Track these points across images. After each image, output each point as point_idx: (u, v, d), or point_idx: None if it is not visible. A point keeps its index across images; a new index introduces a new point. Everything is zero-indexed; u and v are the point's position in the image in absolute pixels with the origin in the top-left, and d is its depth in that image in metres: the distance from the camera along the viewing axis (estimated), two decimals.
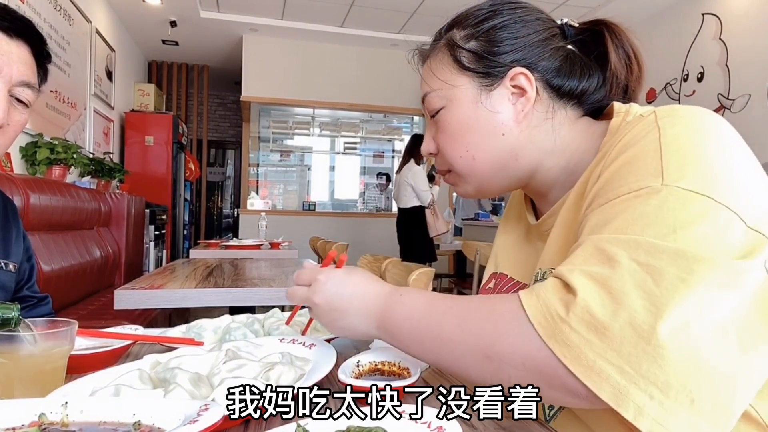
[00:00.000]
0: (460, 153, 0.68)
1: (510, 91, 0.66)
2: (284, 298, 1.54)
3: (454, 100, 0.67)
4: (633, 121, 0.60)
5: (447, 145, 0.69)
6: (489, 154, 0.67)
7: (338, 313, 0.63)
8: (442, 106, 0.68)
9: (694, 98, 4.34)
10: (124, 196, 3.62)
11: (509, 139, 0.66)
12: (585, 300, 0.45)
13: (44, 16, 3.37)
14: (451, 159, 0.69)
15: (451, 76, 0.68)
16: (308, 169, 7.59)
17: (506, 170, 0.68)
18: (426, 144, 0.74)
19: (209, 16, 5.23)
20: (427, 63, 0.72)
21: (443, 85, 0.68)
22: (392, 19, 5.31)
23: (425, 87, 0.71)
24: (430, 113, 0.71)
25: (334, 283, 0.64)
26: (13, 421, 0.45)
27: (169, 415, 0.46)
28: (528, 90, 0.65)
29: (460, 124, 0.67)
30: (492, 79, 0.66)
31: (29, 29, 0.85)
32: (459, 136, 0.68)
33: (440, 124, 0.69)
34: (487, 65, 0.66)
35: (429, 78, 0.71)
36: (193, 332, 0.82)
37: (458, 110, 0.67)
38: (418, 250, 4.38)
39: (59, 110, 3.64)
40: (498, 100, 0.66)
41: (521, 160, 0.68)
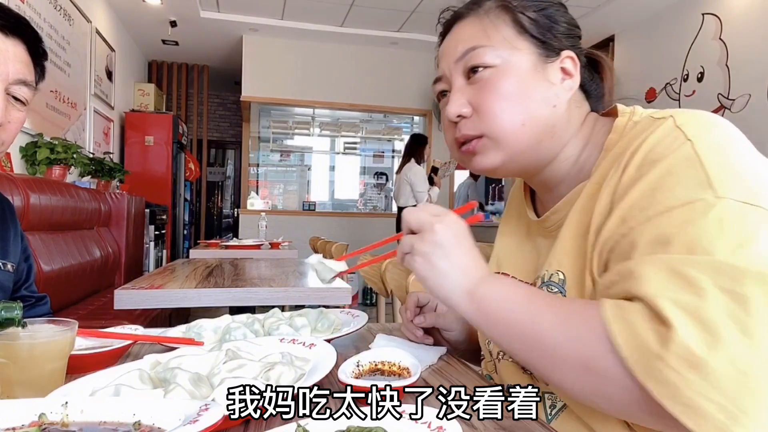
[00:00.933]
0: (510, 116, 0.64)
1: (559, 70, 0.66)
2: (284, 297, 1.54)
3: (513, 61, 0.65)
4: (643, 123, 0.60)
5: (496, 106, 0.64)
6: (537, 124, 0.65)
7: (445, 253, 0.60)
8: (494, 65, 0.65)
9: (694, 98, 4.34)
10: (124, 196, 3.62)
11: (556, 113, 0.66)
12: (681, 336, 0.44)
13: (44, 16, 3.37)
14: (495, 122, 0.65)
15: (512, 37, 0.66)
16: (308, 169, 7.58)
17: (540, 146, 0.67)
18: (458, 105, 0.67)
19: (209, 16, 5.22)
20: (471, 21, 0.68)
21: (503, 43, 0.65)
22: (392, 18, 5.32)
23: (475, 41, 0.66)
24: (471, 67, 0.66)
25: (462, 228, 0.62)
26: (13, 421, 0.45)
27: (169, 415, 0.46)
28: (574, 74, 0.67)
29: (515, 87, 0.64)
30: (549, 52, 0.66)
31: (25, 27, 0.84)
32: (513, 99, 0.64)
33: (489, 83, 0.65)
34: (548, 36, 0.66)
35: (485, 33, 0.66)
36: (193, 332, 0.82)
37: (516, 73, 0.65)
38: None
39: (59, 110, 3.64)
40: (553, 75, 0.66)
41: (555, 140, 0.67)
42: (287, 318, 0.87)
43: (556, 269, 0.66)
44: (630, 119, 0.64)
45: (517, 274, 0.77)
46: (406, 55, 6.05)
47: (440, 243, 0.60)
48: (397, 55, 6.06)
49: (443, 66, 0.71)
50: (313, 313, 0.88)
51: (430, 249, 0.60)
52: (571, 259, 0.64)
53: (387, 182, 7.29)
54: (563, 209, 0.68)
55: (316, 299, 1.55)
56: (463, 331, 0.85)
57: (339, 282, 1.78)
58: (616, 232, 0.55)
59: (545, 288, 0.66)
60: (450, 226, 0.61)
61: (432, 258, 0.60)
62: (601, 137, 0.67)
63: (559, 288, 0.64)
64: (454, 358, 0.80)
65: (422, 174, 4.43)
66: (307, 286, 1.64)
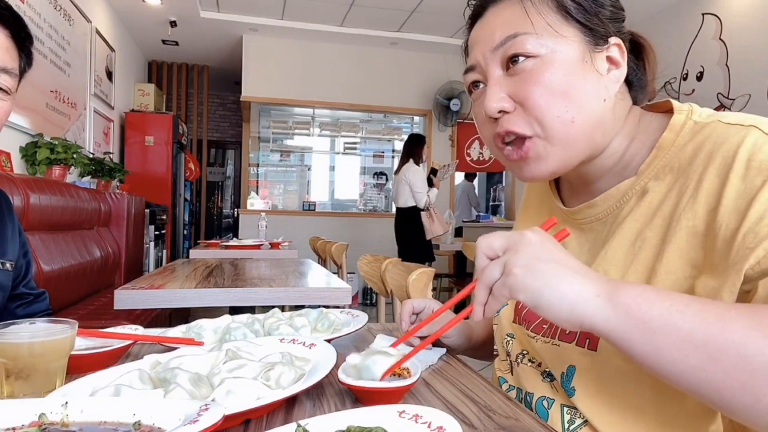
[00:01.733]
0: (559, 113, 0.59)
1: (605, 60, 0.61)
2: (284, 297, 1.53)
3: (559, 50, 0.59)
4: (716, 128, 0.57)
5: (543, 101, 0.59)
6: (588, 120, 0.60)
7: (551, 255, 0.50)
8: (539, 54, 0.59)
9: (693, 97, 4.34)
10: (124, 196, 3.62)
11: (606, 107, 0.61)
12: None
13: (44, 16, 3.37)
14: (546, 117, 0.59)
15: (557, 23, 0.59)
16: (308, 169, 7.58)
17: (592, 142, 0.62)
18: (498, 100, 0.61)
19: (209, 16, 5.23)
20: (510, 4, 0.62)
21: (548, 30, 0.59)
22: (392, 18, 5.32)
23: (516, 27, 0.60)
24: (511, 56, 0.60)
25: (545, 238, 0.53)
26: (13, 421, 0.45)
27: (169, 415, 0.46)
28: (621, 63, 0.61)
29: (563, 80, 0.58)
30: (597, 41, 0.60)
31: (4, 11, 0.80)
32: (562, 93, 0.58)
33: (532, 75, 0.59)
34: (594, 22, 0.60)
35: (528, 17, 0.60)
36: (193, 332, 0.82)
37: (563, 64, 0.59)
38: (416, 251, 4.38)
39: (59, 110, 3.64)
40: (601, 65, 0.61)
41: (605, 135, 0.63)
42: (287, 318, 0.86)
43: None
44: (689, 118, 0.61)
45: None
46: (406, 55, 6.06)
47: (540, 244, 0.51)
48: (397, 55, 6.06)
49: (476, 55, 0.64)
50: (313, 313, 0.88)
51: (530, 254, 0.50)
52: (619, 270, 0.61)
53: (387, 182, 7.30)
54: (602, 205, 0.66)
55: (316, 299, 1.55)
56: (461, 335, 0.84)
57: (339, 282, 1.78)
58: (744, 246, 0.50)
59: None
60: (541, 233, 0.53)
61: (536, 264, 0.49)
62: (652, 134, 0.63)
63: None
64: (454, 359, 0.80)
65: (421, 174, 4.43)
66: (307, 286, 1.64)
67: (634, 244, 0.61)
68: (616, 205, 0.65)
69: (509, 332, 0.77)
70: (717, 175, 0.54)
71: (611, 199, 0.65)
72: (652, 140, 0.63)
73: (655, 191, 0.61)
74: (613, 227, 0.64)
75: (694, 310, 0.45)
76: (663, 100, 0.67)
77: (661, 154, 0.61)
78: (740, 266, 0.50)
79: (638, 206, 0.62)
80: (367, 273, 1.84)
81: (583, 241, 0.69)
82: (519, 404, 0.60)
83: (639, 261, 0.60)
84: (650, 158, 0.62)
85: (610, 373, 0.59)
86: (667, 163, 0.61)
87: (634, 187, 0.63)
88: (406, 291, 1.35)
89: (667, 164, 0.60)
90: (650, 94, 0.70)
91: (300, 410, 0.57)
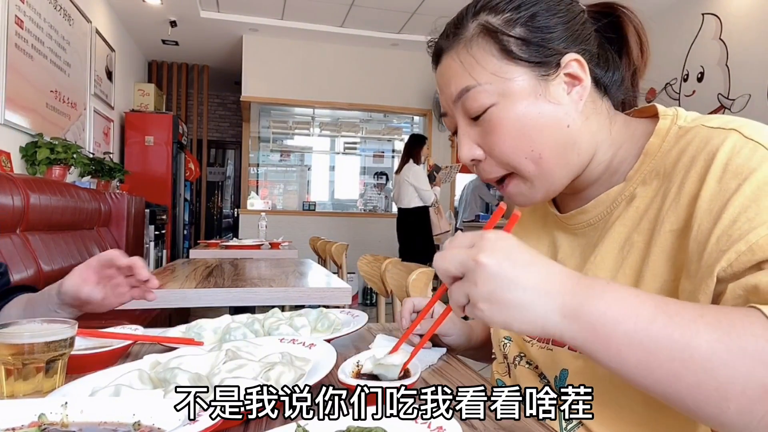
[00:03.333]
0: (525, 154, 0.60)
1: (563, 80, 0.61)
2: (284, 297, 1.53)
3: (509, 94, 0.59)
4: (699, 132, 0.57)
5: (506, 147, 0.60)
6: (557, 151, 0.60)
7: (509, 283, 0.47)
8: (493, 103, 0.60)
9: (694, 98, 4.34)
10: (124, 196, 3.62)
11: (573, 131, 0.61)
12: None
13: (44, 16, 3.37)
14: (513, 162, 0.61)
15: (501, 68, 0.60)
16: (308, 169, 7.58)
17: (570, 166, 0.63)
18: (468, 150, 0.63)
19: (209, 16, 5.23)
20: (457, 55, 0.62)
21: (493, 78, 0.60)
22: (392, 19, 5.32)
23: (464, 81, 0.61)
24: (472, 113, 0.62)
25: (509, 244, 0.49)
26: (13, 421, 0.45)
27: (169, 415, 0.46)
28: (583, 78, 0.61)
29: (521, 121, 0.59)
30: (547, 68, 0.60)
31: None
32: (521, 135, 0.60)
33: (492, 123, 0.60)
34: (541, 53, 0.60)
35: (472, 70, 0.60)
36: (193, 332, 0.82)
37: (517, 105, 0.59)
38: (419, 251, 4.38)
39: (59, 110, 3.64)
40: (556, 90, 0.60)
41: (582, 155, 0.63)
42: (287, 318, 0.86)
43: None
44: (674, 123, 0.61)
45: None
46: (406, 56, 6.06)
47: (496, 274, 0.47)
48: (398, 56, 6.06)
49: (443, 103, 0.66)
50: (313, 313, 0.88)
51: (489, 288, 0.47)
52: (608, 275, 0.62)
53: (387, 182, 7.30)
54: (593, 210, 0.67)
55: (316, 299, 1.55)
56: (461, 335, 0.84)
57: (339, 282, 1.78)
58: (717, 249, 0.50)
59: None
60: (494, 248, 0.48)
61: (497, 296, 0.47)
62: (638, 139, 0.64)
63: None
64: (454, 359, 0.80)
65: (423, 173, 4.43)
66: (307, 286, 1.64)
67: (622, 248, 0.62)
68: (607, 211, 0.66)
69: (506, 335, 0.77)
70: (698, 179, 0.54)
71: (602, 205, 0.66)
72: (639, 146, 0.63)
73: (642, 196, 0.62)
74: (603, 232, 0.65)
75: (659, 326, 0.44)
76: (648, 105, 0.67)
77: (648, 160, 0.62)
78: (712, 268, 0.50)
79: (626, 211, 0.63)
80: (367, 273, 1.84)
81: (576, 245, 0.70)
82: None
83: (627, 265, 0.60)
84: (638, 164, 0.63)
85: (600, 375, 0.60)
86: (653, 168, 0.61)
87: (623, 192, 0.64)
88: (406, 291, 1.35)
89: (653, 169, 0.61)
90: (631, 90, 0.68)
91: None
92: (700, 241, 0.52)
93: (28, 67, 3.16)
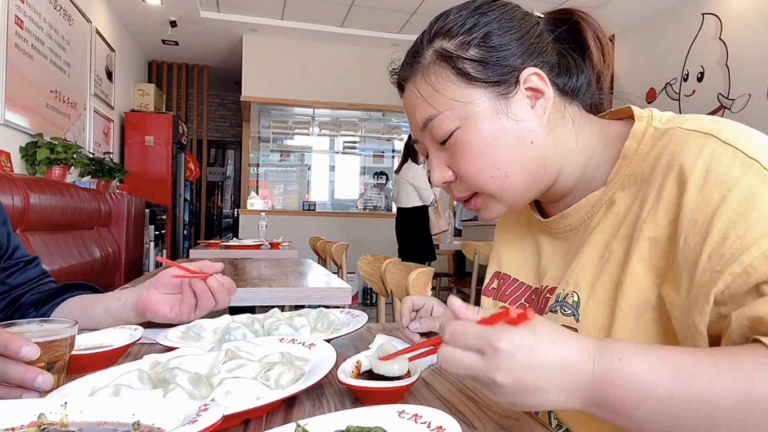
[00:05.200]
0: (491, 173, 0.62)
1: (525, 95, 0.61)
2: (284, 297, 1.53)
3: (471, 117, 0.61)
4: (675, 134, 0.56)
5: (472, 168, 0.62)
6: (521, 167, 0.62)
7: (529, 393, 0.46)
8: (456, 127, 0.61)
9: (694, 98, 4.34)
10: (124, 196, 3.62)
11: (538, 146, 0.62)
12: None
13: (44, 16, 3.37)
14: (480, 181, 0.63)
15: (460, 92, 0.61)
16: (308, 169, 7.58)
17: (536, 181, 0.64)
18: (439, 173, 0.65)
19: (209, 16, 5.23)
20: (416, 85, 0.64)
21: (453, 104, 0.61)
22: (392, 19, 5.32)
23: (427, 110, 0.63)
24: (438, 139, 0.63)
25: (524, 355, 0.45)
26: (13, 421, 0.45)
27: (168, 415, 0.46)
28: (544, 90, 0.61)
29: (485, 142, 0.61)
30: (506, 86, 0.61)
31: None
32: (486, 155, 0.61)
33: (457, 146, 0.62)
34: (498, 72, 0.60)
35: (432, 99, 0.62)
36: (192, 332, 0.82)
37: (479, 127, 0.61)
38: (419, 250, 4.38)
39: (59, 110, 3.64)
40: (518, 107, 0.61)
41: (549, 168, 0.64)
42: (287, 318, 0.86)
43: (572, 290, 0.63)
44: (649, 124, 0.60)
45: (517, 275, 0.76)
46: None
47: (519, 389, 0.46)
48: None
49: (412, 130, 0.68)
50: (313, 313, 0.88)
51: (510, 399, 0.47)
52: (588, 282, 0.61)
53: (387, 182, 7.30)
54: (574, 215, 0.67)
55: (316, 299, 1.55)
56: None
57: (339, 282, 1.78)
58: (710, 269, 0.50)
59: (559, 309, 0.63)
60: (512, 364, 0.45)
61: (521, 403, 0.47)
62: (614, 143, 0.63)
63: (572, 311, 0.61)
64: None
65: (423, 173, 4.43)
66: (307, 286, 1.64)
67: (602, 255, 0.61)
68: (587, 216, 0.65)
69: None
70: (676, 185, 0.53)
71: (582, 210, 0.66)
72: (616, 150, 0.63)
73: (620, 202, 0.61)
74: (584, 238, 0.65)
75: (678, 400, 0.45)
76: (623, 107, 0.66)
77: (626, 164, 0.61)
78: (708, 290, 0.49)
79: (606, 217, 0.62)
80: (367, 273, 1.84)
81: (558, 249, 0.70)
82: None
83: (606, 272, 0.60)
84: (616, 168, 0.62)
85: None
86: (631, 173, 0.60)
87: (603, 197, 0.63)
88: (406, 291, 1.35)
89: (631, 174, 0.60)
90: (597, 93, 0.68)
91: (299, 410, 0.57)
92: (688, 255, 0.51)
93: (28, 67, 3.16)
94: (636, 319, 0.56)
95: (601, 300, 0.59)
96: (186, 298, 0.85)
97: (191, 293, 0.85)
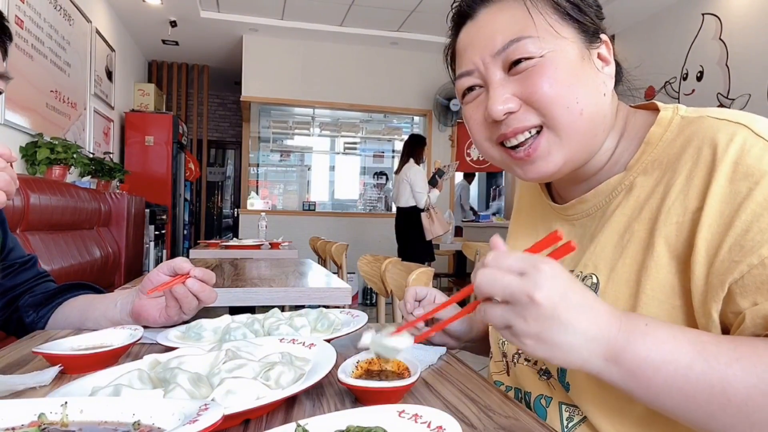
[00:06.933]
0: (569, 103, 0.59)
1: (597, 57, 0.63)
2: (284, 297, 1.53)
3: (560, 50, 0.59)
4: (704, 122, 0.57)
5: (553, 92, 0.58)
6: (594, 113, 0.60)
7: (560, 325, 0.47)
8: (541, 55, 0.59)
9: (693, 97, 4.34)
10: (124, 196, 3.62)
11: (607, 101, 0.62)
12: None
13: (44, 16, 3.37)
14: (556, 109, 0.59)
15: (555, 25, 0.60)
16: (308, 169, 7.58)
17: (594, 137, 0.62)
18: (503, 101, 0.60)
19: (209, 16, 5.23)
20: (509, 7, 0.62)
21: (548, 31, 0.60)
22: (391, 17, 5.32)
23: (520, 29, 0.60)
24: (514, 59, 0.60)
25: (564, 282, 0.47)
26: (13, 421, 0.45)
27: (168, 415, 0.46)
28: (610, 60, 0.63)
29: (571, 74, 0.59)
30: (592, 39, 0.62)
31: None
32: (570, 85, 0.59)
33: (535, 71, 0.59)
34: (589, 21, 0.62)
35: (525, 22, 0.60)
36: (193, 332, 0.82)
37: (568, 59, 0.60)
38: (416, 250, 4.38)
39: (59, 110, 3.64)
40: (597, 61, 0.62)
41: (605, 132, 0.63)
42: (287, 318, 0.86)
43: (591, 272, 0.63)
44: (676, 113, 0.61)
45: None
46: (406, 55, 6.06)
47: (550, 316, 0.46)
48: (397, 55, 6.06)
49: (474, 59, 0.63)
50: (313, 313, 0.88)
51: (539, 328, 0.47)
52: (608, 264, 0.61)
53: (387, 182, 7.30)
54: (592, 200, 0.67)
55: (316, 299, 1.55)
56: (464, 321, 0.84)
57: (339, 282, 1.78)
58: (729, 259, 0.50)
59: None
60: (552, 287, 0.46)
61: (546, 336, 0.47)
62: (639, 129, 0.64)
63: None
64: (454, 359, 0.80)
65: (422, 174, 4.43)
66: (307, 286, 1.64)
67: (622, 237, 0.61)
68: (605, 201, 0.66)
69: None
70: (707, 172, 0.54)
71: (601, 195, 0.66)
72: (640, 136, 0.64)
73: (641, 186, 0.61)
74: (601, 222, 0.65)
75: (697, 372, 0.46)
76: (648, 102, 0.67)
77: (649, 150, 0.62)
78: (724, 278, 0.50)
79: (626, 201, 0.63)
80: (367, 273, 1.84)
81: (573, 235, 0.70)
82: (519, 404, 0.60)
83: (628, 254, 0.60)
84: (639, 153, 0.63)
85: None
86: (655, 158, 0.61)
87: (623, 182, 0.64)
88: None
89: (655, 159, 0.61)
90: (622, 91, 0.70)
91: (300, 410, 0.57)
92: (709, 243, 0.52)
93: (28, 67, 3.16)
94: (660, 303, 0.56)
95: (622, 282, 0.59)
96: (169, 302, 0.86)
97: (172, 298, 0.85)
